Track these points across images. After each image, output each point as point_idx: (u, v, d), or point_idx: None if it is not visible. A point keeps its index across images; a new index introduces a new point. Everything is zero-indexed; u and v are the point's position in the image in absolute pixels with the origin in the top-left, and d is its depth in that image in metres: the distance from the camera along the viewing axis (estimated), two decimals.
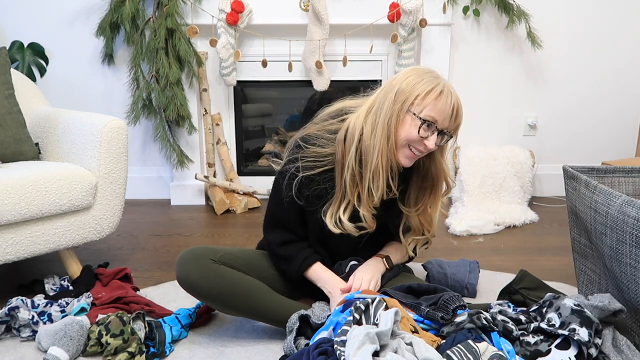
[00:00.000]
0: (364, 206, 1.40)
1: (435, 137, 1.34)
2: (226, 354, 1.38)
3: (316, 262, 1.50)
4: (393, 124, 1.33)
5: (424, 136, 1.33)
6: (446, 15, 2.59)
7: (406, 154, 1.37)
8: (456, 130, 1.39)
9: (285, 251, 1.49)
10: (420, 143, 1.34)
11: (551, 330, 1.19)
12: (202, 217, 2.61)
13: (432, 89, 1.32)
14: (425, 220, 1.51)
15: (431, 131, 1.33)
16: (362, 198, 1.39)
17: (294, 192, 1.41)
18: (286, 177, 1.42)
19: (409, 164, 1.39)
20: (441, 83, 1.34)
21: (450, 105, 1.33)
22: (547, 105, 2.86)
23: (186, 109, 2.60)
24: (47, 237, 1.66)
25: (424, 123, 1.32)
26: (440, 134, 1.35)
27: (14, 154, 1.84)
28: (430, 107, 1.32)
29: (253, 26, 2.58)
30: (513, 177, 2.62)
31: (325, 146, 1.41)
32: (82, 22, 2.67)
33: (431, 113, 1.32)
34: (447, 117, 1.33)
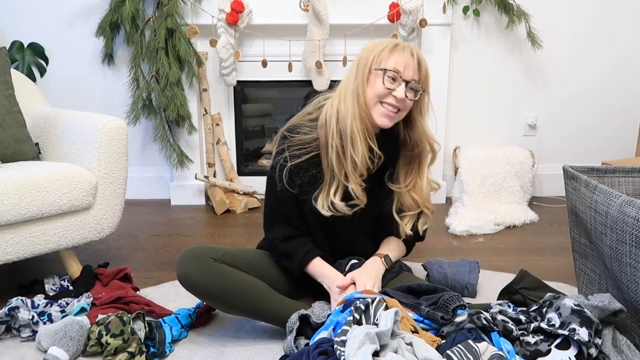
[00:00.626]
0: (352, 180, 1.42)
1: (403, 87, 1.37)
2: (226, 354, 1.38)
3: (316, 257, 1.50)
4: (360, 87, 1.39)
5: (390, 87, 1.37)
6: (446, 15, 2.59)
7: (380, 112, 1.40)
8: (425, 84, 1.41)
9: (287, 247, 1.50)
10: (389, 96, 1.38)
11: (551, 330, 1.19)
12: (202, 217, 2.61)
13: (386, 45, 1.39)
14: (417, 194, 1.50)
15: (397, 83, 1.37)
16: (348, 171, 1.42)
17: (286, 181, 1.44)
18: (276, 169, 1.46)
19: (388, 123, 1.41)
20: (397, 40, 1.41)
21: (408, 55, 1.37)
22: (547, 105, 2.86)
23: (186, 109, 2.60)
24: (47, 237, 1.66)
25: (385, 73, 1.36)
26: (408, 85, 1.37)
27: (14, 154, 1.84)
28: (387, 59, 1.37)
29: (253, 26, 2.58)
30: (513, 177, 2.62)
31: (309, 133, 1.45)
32: (82, 22, 2.67)
33: (390, 64, 1.37)
34: (410, 67, 1.37)
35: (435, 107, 2.67)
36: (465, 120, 2.84)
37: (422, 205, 1.51)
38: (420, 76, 1.39)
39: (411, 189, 1.49)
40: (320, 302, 1.48)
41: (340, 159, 1.41)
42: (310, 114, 1.50)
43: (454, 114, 2.82)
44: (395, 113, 1.40)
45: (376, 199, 1.50)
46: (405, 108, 1.41)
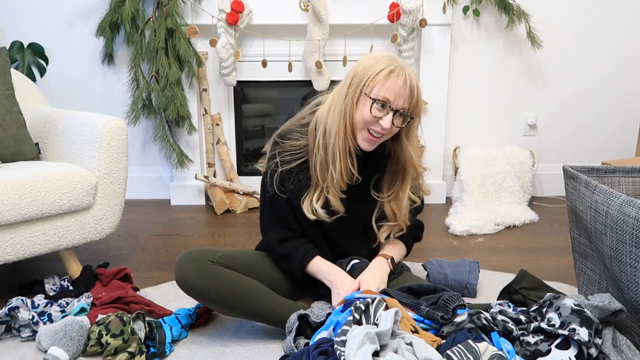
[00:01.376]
0: (331, 191, 1.43)
1: (390, 117, 1.35)
2: (226, 354, 1.38)
3: (316, 256, 1.50)
4: (349, 106, 1.37)
5: (377, 116, 1.35)
6: (446, 15, 2.59)
7: (365, 137, 1.39)
8: (416, 111, 1.39)
9: (285, 249, 1.50)
10: (376, 124, 1.36)
11: (551, 330, 1.19)
12: (202, 217, 2.61)
13: (382, 69, 1.35)
14: (397, 207, 1.50)
15: (385, 111, 1.35)
16: (328, 183, 1.42)
17: (276, 187, 1.46)
18: (268, 174, 1.48)
19: (370, 148, 1.41)
20: (395, 64, 1.36)
21: (402, 83, 1.34)
22: (547, 105, 2.86)
23: (186, 109, 2.60)
24: (47, 237, 1.66)
25: (374, 102, 1.34)
26: (397, 114, 1.36)
27: (14, 154, 1.84)
28: (380, 86, 1.34)
29: (253, 26, 2.58)
30: (513, 177, 2.62)
31: (299, 139, 1.46)
32: (82, 22, 2.67)
33: (382, 92, 1.34)
34: (401, 95, 1.35)
35: (435, 107, 2.72)
36: (465, 120, 2.84)
37: (399, 218, 1.51)
38: (411, 104, 1.37)
39: (392, 199, 1.50)
40: (320, 302, 1.48)
41: (323, 170, 1.43)
42: (303, 119, 1.51)
43: (454, 114, 2.82)
44: (379, 138, 1.40)
45: (360, 206, 1.51)
46: (391, 133, 1.41)
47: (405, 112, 1.37)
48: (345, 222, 1.50)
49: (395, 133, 1.42)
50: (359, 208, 1.51)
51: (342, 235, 1.55)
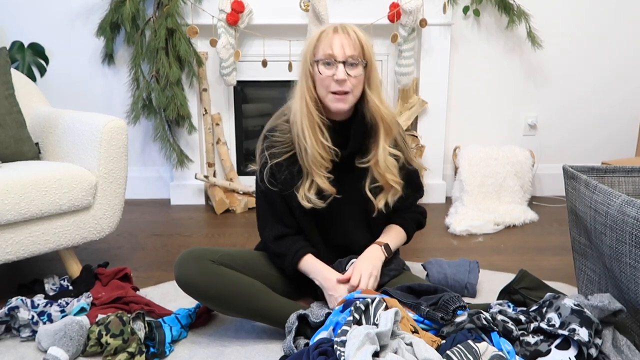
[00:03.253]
0: (316, 174, 1.44)
1: (342, 68, 1.37)
2: (226, 354, 1.38)
3: (308, 254, 1.50)
4: (305, 83, 1.41)
5: (328, 74, 1.38)
6: (446, 15, 2.59)
7: (331, 99, 1.40)
8: (366, 56, 1.39)
9: (279, 247, 1.51)
10: (332, 82, 1.38)
11: (551, 331, 1.19)
12: (202, 217, 2.61)
13: (319, 33, 1.40)
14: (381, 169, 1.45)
15: (334, 66, 1.37)
16: (310, 165, 1.43)
17: (267, 180, 1.47)
18: (259, 170, 1.50)
19: (343, 106, 1.41)
20: (331, 25, 1.41)
21: (341, 34, 1.38)
22: (547, 105, 2.86)
23: (186, 109, 2.60)
24: (47, 236, 1.66)
25: (319, 63, 1.38)
26: (347, 64, 1.37)
27: (14, 154, 1.84)
28: (321, 47, 1.38)
29: (253, 26, 2.58)
30: (513, 177, 2.62)
31: (286, 132, 1.48)
32: (82, 22, 2.67)
33: (326, 51, 1.38)
34: (344, 46, 1.37)
35: (435, 107, 2.72)
36: (465, 120, 2.84)
37: (389, 180, 1.46)
38: (358, 50, 1.38)
39: (375, 163, 1.46)
40: (319, 302, 1.48)
41: (304, 154, 1.44)
42: (285, 115, 1.52)
43: (454, 114, 2.82)
44: (344, 94, 1.39)
45: (351, 184, 1.49)
46: (355, 87, 1.40)
47: (354, 59, 1.38)
48: (341, 207, 1.49)
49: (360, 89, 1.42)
50: (351, 187, 1.49)
51: (340, 225, 1.53)
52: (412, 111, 2.70)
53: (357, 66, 1.38)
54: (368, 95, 1.42)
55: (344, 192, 1.48)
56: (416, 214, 1.65)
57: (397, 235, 1.59)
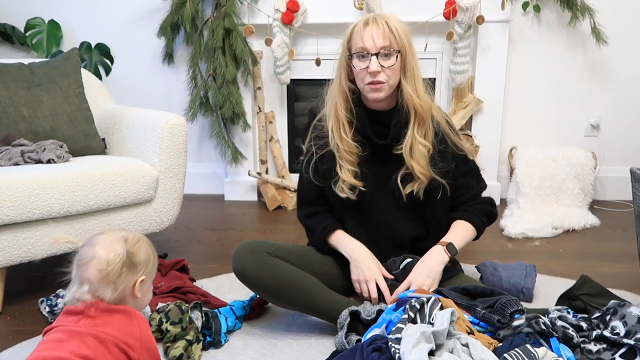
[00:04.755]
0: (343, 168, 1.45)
1: (375, 60, 1.35)
2: (279, 347, 1.41)
3: (338, 229, 1.52)
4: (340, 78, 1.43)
5: (362, 67, 1.37)
6: (504, 11, 2.52)
7: (367, 89, 1.40)
8: (399, 44, 1.37)
9: (310, 222, 1.56)
10: (367, 74, 1.37)
11: (615, 339, 1.14)
12: (255, 213, 2.67)
13: (354, 26, 1.40)
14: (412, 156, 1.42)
15: (367, 59, 1.36)
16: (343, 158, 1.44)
17: (312, 171, 1.50)
18: (305, 157, 1.53)
19: (379, 95, 1.40)
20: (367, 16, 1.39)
21: (374, 27, 1.36)
22: (611, 104, 2.73)
23: (241, 107, 2.66)
24: (112, 227, 1.75)
25: (352, 57, 1.39)
26: (380, 55, 1.36)
27: (83, 149, 1.95)
28: (356, 40, 1.38)
29: (307, 25, 2.60)
30: (573, 179, 2.52)
31: None
32: (145, 23, 2.79)
33: (359, 44, 1.37)
34: (377, 37, 1.35)
35: (491, 106, 2.66)
36: (522, 120, 2.76)
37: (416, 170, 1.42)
38: (392, 40, 1.36)
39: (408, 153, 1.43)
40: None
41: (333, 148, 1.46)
42: None
43: (511, 113, 2.74)
44: (379, 84, 1.38)
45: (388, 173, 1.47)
46: (390, 77, 1.38)
47: (387, 50, 1.36)
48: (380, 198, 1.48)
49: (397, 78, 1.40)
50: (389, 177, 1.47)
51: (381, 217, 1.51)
52: (466, 110, 2.64)
53: (390, 56, 1.37)
54: (403, 84, 1.41)
55: (382, 183, 1.47)
56: (482, 204, 1.55)
57: (463, 231, 1.51)
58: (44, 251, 1.62)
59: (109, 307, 0.98)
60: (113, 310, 0.98)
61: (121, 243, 1.01)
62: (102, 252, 0.98)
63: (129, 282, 1.00)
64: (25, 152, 1.74)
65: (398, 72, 1.40)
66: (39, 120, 1.88)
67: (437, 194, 1.48)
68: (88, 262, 0.98)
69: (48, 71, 1.97)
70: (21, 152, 1.74)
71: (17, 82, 1.89)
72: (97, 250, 0.99)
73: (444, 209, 1.54)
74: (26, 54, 2.87)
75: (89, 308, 0.97)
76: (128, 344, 0.96)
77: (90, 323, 0.96)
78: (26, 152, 1.75)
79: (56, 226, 1.63)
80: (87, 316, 0.97)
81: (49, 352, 0.91)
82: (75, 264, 1.00)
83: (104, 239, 1.01)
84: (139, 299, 1.04)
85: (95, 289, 0.98)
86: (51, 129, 1.89)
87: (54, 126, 1.90)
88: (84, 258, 0.99)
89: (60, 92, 1.95)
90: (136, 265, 1.02)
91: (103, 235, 1.02)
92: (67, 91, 1.96)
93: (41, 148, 1.78)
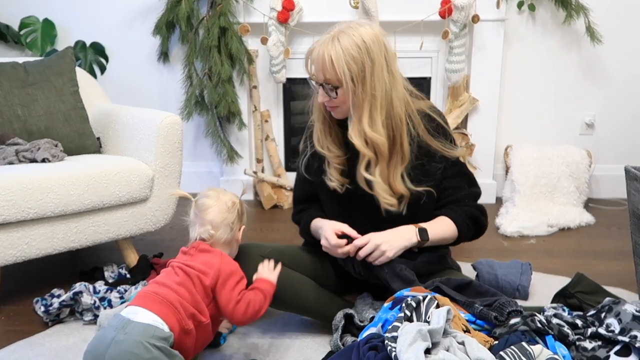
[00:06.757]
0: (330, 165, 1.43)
1: (321, 91, 1.34)
2: (275, 345, 1.41)
3: (317, 217, 1.50)
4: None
5: (316, 90, 1.38)
6: (500, 10, 2.53)
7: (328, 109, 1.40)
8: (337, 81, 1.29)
9: (298, 218, 1.57)
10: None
11: (610, 336, 1.15)
12: (250, 212, 2.64)
13: (307, 51, 1.36)
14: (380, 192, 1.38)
15: (316, 86, 1.36)
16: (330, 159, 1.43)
17: (304, 167, 1.50)
18: (300, 156, 1.53)
19: (339, 116, 1.39)
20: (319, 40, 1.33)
21: (317, 57, 1.32)
22: (606, 103, 2.74)
23: (237, 106, 2.66)
24: (107, 226, 1.74)
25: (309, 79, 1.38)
26: (325, 88, 1.33)
27: (77, 148, 1.94)
28: (308, 67, 1.38)
29: (303, 24, 2.60)
30: (568, 178, 2.53)
31: None
32: (140, 22, 2.78)
33: (309, 71, 1.37)
34: (319, 70, 1.33)
35: (486, 105, 2.66)
36: (517, 118, 2.77)
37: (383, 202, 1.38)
38: (330, 74, 1.29)
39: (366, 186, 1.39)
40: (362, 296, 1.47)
41: None
42: None
43: (506, 112, 2.75)
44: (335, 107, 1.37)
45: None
46: (341, 103, 1.34)
47: (327, 83, 1.32)
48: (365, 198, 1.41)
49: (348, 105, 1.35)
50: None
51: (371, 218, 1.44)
52: (462, 109, 2.65)
53: (334, 89, 1.32)
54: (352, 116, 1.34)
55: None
56: (470, 207, 1.46)
57: (443, 224, 1.43)
58: (39, 251, 1.61)
59: (204, 248, 1.23)
60: (206, 250, 1.23)
61: (232, 196, 1.32)
62: (224, 198, 1.29)
63: (237, 227, 1.31)
64: (19, 151, 1.74)
65: (346, 102, 1.34)
66: (33, 119, 1.87)
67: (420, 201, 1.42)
68: (208, 207, 1.26)
69: (42, 70, 1.95)
70: (15, 151, 1.73)
71: (12, 81, 1.88)
72: (218, 198, 1.28)
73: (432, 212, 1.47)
74: (20, 53, 2.85)
75: (191, 249, 1.24)
76: (204, 271, 1.17)
77: (187, 259, 1.21)
78: (21, 151, 1.74)
79: (51, 226, 1.62)
80: (188, 254, 1.23)
81: (162, 278, 1.18)
82: (193, 212, 1.28)
83: (218, 191, 1.32)
84: (235, 247, 1.33)
85: (217, 228, 1.25)
86: (46, 128, 1.88)
87: (48, 125, 1.89)
88: (205, 205, 1.27)
89: (54, 91, 1.94)
90: (243, 214, 1.34)
91: (213, 190, 1.32)
92: (61, 90, 1.95)
93: (36, 147, 1.77)
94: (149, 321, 1.06)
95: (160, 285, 1.15)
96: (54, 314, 1.52)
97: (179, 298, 1.11)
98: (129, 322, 1.06)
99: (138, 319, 1.06)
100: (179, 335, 1.09)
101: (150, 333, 1.04)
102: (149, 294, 1.12)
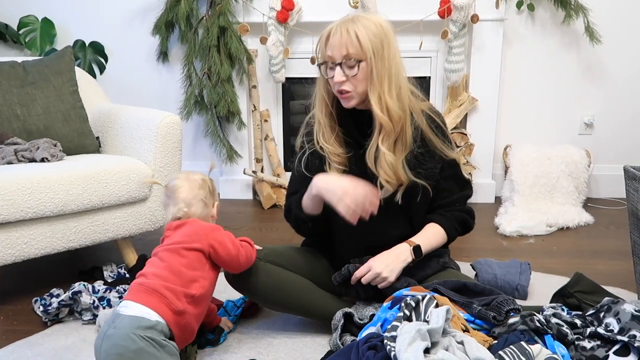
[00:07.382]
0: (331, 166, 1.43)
1: (339, 70, 1.33)
2: (274, 345, 1.41)
3: None
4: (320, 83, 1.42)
5: (329, 76, 1.36)
6: (499, 10, 2.53)
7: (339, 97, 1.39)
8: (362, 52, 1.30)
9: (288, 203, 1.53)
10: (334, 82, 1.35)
11: (609, 336, 1.15)
12: (250, 211, 2.67)
13: (322, 35, 1.36)
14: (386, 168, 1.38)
15: (329, 68, 1.35)
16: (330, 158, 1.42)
17: (303, 166, 1.48)
18: (297, 153, 1.51)
19: (350, 104, 1.38)
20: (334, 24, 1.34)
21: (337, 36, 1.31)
22: (605, 103, 2.74)
23: (236, 105, 2.66)
24: (106, 226, 1.74)
25: (319, 67, 1.37)
26: (343, 65, 1.32)
27: (77, 147, 1.94)
28: (321, 50, 1.36)
29: (302, 23, 2.60)
30: (567, 177, 2.53)
31: None
32: (139, 21, 2.78)
33: (326, 53, 1.35)
34: (340, 46, 1.31)
35: (485, 105, 2.67)
36: (517, 118, 2.77)
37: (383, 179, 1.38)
38: (354, 48, 1.30)
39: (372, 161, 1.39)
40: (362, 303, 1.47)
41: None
42: None
43: (505, 112, 2.75)
44: (346, 93, 1.35)
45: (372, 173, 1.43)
46: (356, 85, 1.34)
47: (349, 58, 1.31)
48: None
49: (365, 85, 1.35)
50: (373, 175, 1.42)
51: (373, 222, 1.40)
52: (461, 109, 2.65)
53: (354, 66, 1.32)
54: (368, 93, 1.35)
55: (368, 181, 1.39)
56: (461, 212, 1.49)
57: (434, 235, 1.46)
58: (38, 250, 1.61)
59: (178, 224, 1.28)
60: (181, 224, 1.27)
61: (201, 174, 1.38)
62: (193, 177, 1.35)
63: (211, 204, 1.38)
64: (18, 150, 1.73)
65: (365, 80, 1.34)
66: (32, 119, 1.87)
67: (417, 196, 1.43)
68: (179, 187, 1.31)
69: (41, 69, 1.95)
70: (14, 151, 1.73)
71: (10, 80, 1.88)
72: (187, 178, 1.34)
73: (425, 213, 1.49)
74: (19, 52, 2.85)
75: (167, 231, 1.28)
76: (192, 239, 1.23)
77: (167, 241, 1.25)
78: (19, 150, 1.74)
79: (50, 225, 1.62)
80: (166, 236, 1.27)
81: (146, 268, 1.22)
82: (166, 195, 1.33)
83: (187, 173, 1.37)
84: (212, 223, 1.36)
85: (190, 205, 1.31)
86: (45, 127, 1.88)
87: (47, 125, 1.89)
88: (175, 186, 1.32)
89: (54, 90, 1.94)
90: (214, 191, 1.41)
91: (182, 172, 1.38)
92: (60, 89, 1.95)
93: (35, 147, 1.77)
94: (136, 313, 1.10)
95: (145, 275, 1.19)
96: (53, 314, 1.52)
97: (163, 283, 1.15)
98: (118, 315, 1.11)
99: (127, 312, 1.11)
100: (173, 318, 1.13)
101: (135, 324, 1.08)
102: (135, 286, 1.17)
